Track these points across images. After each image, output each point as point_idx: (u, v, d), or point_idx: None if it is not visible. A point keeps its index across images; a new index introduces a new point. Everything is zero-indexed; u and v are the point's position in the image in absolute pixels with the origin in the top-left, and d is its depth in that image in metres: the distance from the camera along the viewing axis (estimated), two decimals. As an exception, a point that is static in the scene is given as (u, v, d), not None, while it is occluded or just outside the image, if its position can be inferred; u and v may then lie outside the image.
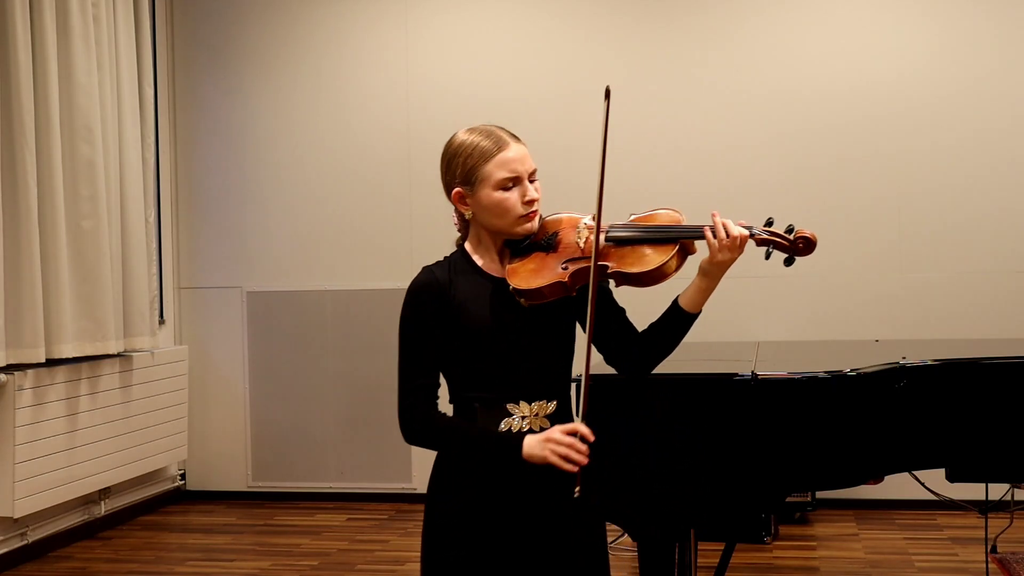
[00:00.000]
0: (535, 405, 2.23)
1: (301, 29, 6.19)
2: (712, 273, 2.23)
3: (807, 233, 2.25)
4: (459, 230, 2.34)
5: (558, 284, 2.18)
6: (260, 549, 5.24)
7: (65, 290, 5.12)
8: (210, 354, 6.27)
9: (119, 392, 5.53)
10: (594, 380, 2.85)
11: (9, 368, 4.90)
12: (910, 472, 3.22)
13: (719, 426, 2.92)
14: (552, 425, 2.23)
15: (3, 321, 4.83)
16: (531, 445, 2.14)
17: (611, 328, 2.32)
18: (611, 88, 2.26)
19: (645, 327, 2.33)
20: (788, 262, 2.30)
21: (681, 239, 2.22)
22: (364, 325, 6.10)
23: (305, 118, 6.19)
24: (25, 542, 5.06)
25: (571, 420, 2.30)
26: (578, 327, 2.32)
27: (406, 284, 2.30)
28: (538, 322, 2.22)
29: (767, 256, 2.30)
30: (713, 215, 2.24)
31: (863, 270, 5.63)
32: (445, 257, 2.32)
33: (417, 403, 2.19)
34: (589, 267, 2.17)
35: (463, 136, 2.27)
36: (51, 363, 5.09)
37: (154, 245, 5.91)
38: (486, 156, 2.21)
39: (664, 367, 2.47)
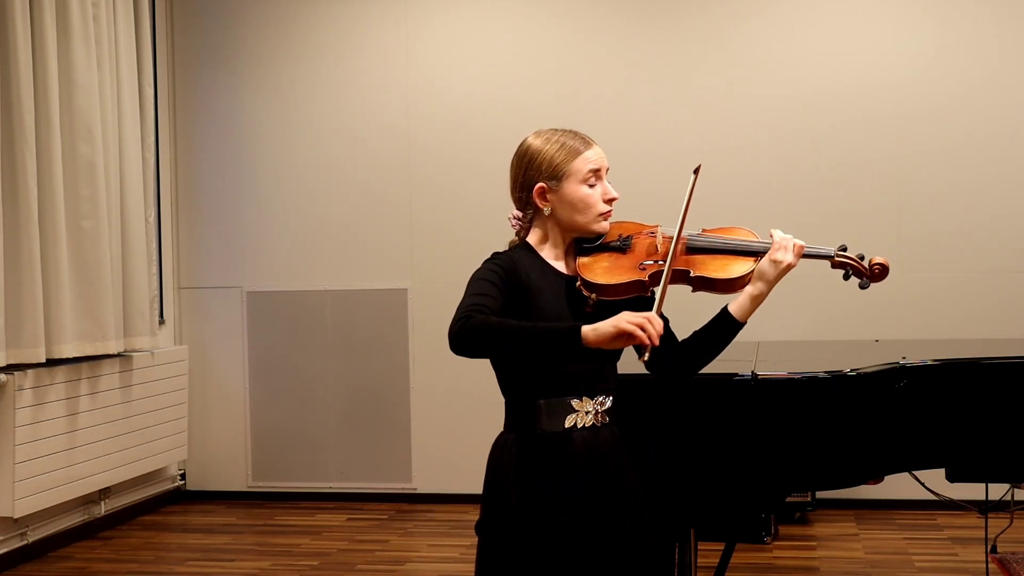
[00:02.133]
0: (596, 400, 2.31)
1: (301, 29, 6.18)
2: (768, 275, 2.30)
3: (883, 260, 2.41)
4: (518, 232, 2.39)
5: (637, 282, 2.26)
6: (260, 549, 5.24)
7: (65, 290, 5.12)
8: (210, 354, 6.27)
9: (119, 392, 5.53)
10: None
11: (9, 368, 4.90)
12: (910, 472, 3.22)
13: (719, 426, 2.92)
14: (610, 422, 2.33)
15: (3, 321, 4.83)
16: (600, 324, 2.05)
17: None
18: (701, 167, 2.38)
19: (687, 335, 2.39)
20: (863, 286, 2.42)
21: (760, 253, 2.33)
22: (364, 325, 6.10)
23: (305, 118, 6.19)
24: (25, 542, 5.06)
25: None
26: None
27: (406, 284, 2.32)
28: (600, 319, 2.18)
29: (845, 277, 2.42)
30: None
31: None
32: (509, 250, 2.36)
33: (476, 311, 2.13)
34: (671, 270, 2.23)
35: (543, 137, 2.35)
36: (51, 363, 5.09)
37: (154, 245, 5.91)
38: (575, 152, 2.30)
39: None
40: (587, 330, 2.05)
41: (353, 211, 6.13)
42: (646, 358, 2.08)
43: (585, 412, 2.29)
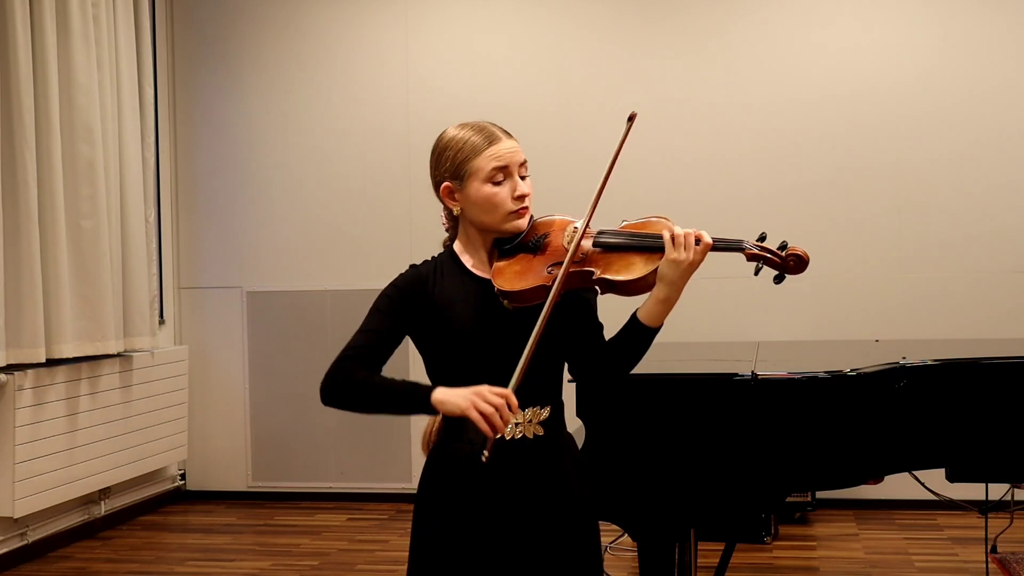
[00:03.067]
0: (528, 412, 2.18)
1: (301, 29, 6.18)
2: (669, 278, 2.09)
3: (799, 251, 2.14)
4: (447, 230, 2.30)
5: (541, 288, 2.10)
6: (260, 549, 5.24)
7: (65, 290, 5.12)
8: (210, 354, 6.27)
9: (119, 392, 5.53)
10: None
11: (9, 368, 4.90)
12: (910, 472, 3.22)
13: (719, 426, 2.92)
14: (546, 433, 2.20)
15: (3, 321, 4.83)
16: (452, 393, 2.04)
17: (584, 340, 2.24)
18: (636, 114, 2.24)
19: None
20: (778, 279, 2.18)
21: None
22: (364, 325, 6.08)
23: (305, 118, 6.19)
24: (25, 542, 5.06)
25: (565, 427, 2.27)
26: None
27: (406, 284, 2.27)
28: (526, 326, 2.09)
29: (756, 272, 2.18)
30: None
31: (863, 270, 5.63)
32: (433, 257, 2.28)
33: (352, 358, 2.17)
34: (575, 272, 2.10)
35: (453, 131, 2.24)
36: (51, 363, 5.09)
37: (154, 245, 5.91)
38: (477, 150, 2.17)
39: (664, 367, 2.46)
40: (438, 396, 2.05)
41: (353, 211, 6.13)
42: (484, 457, 1.98)
43: (514, 424, 2.16)
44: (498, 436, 2.01)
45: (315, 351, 6.12)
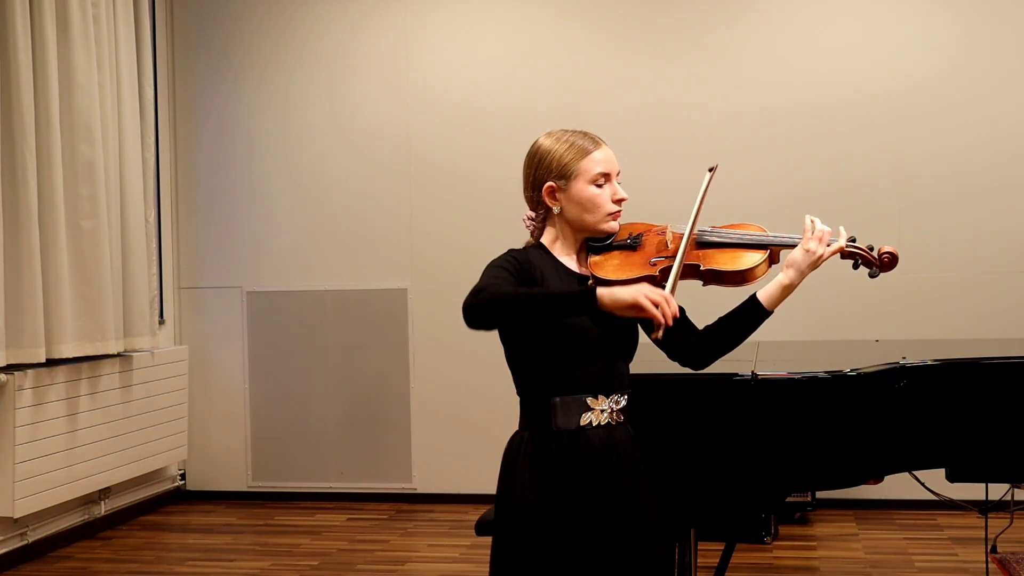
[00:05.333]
0: (611, 398, 2.32)
1: (301, 30, 6.18)
2: (799, 266, 2.33)
3: (892, 249, 2.44)
4: (532, 232, 2.42)
5: (648, 278, 2.26)
6: (260, 549, 5.24)
7: (65, 290, 5.12)
8: (210, 354, 6.27)
9: (119, 392, 5.53)
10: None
11: (9, 368, 4.90)
12: (910, 472, 3.22)
13: (719, 426, 2.92)
14: (625, 420, 2.34)
15: (3, 321, 4.83)
16: (618, 289, 2.12)
17: (683, 326, 2.38)
18: (718, 166, 2.45)
19: (711, 321, 2.41)
20: (873, 275, 2.45)
21: (772, 246, 2.37)
22: (364, 325, 6.10)
23: (305, 118, 6.19)
24: (25, 542, 5.06)
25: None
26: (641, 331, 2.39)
27: (406, 284, 2.33)
28: (612, 318, 2.22)
29: (855, 267, 2.45)
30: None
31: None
32: (522, 248, 2.39)
33: (492, 282, 2.19)
34: (681, 265, 2.25)
35: (552, 137, 2.38)
36: (51, 363, 5.09)
37: (154, 245, 5.91)
38: (584, 152, 2.33)
39: (664, 367, 2.47)
40: (603, 292, 2.10)
41: (353, 211, 6.13)
42: (658, 335, 2.13)
43: (600, 410, 2.30)
44: (667, 326, 2.12)
45: (315, 351, 6.12)
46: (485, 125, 5.94)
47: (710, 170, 2.41)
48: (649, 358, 2.65)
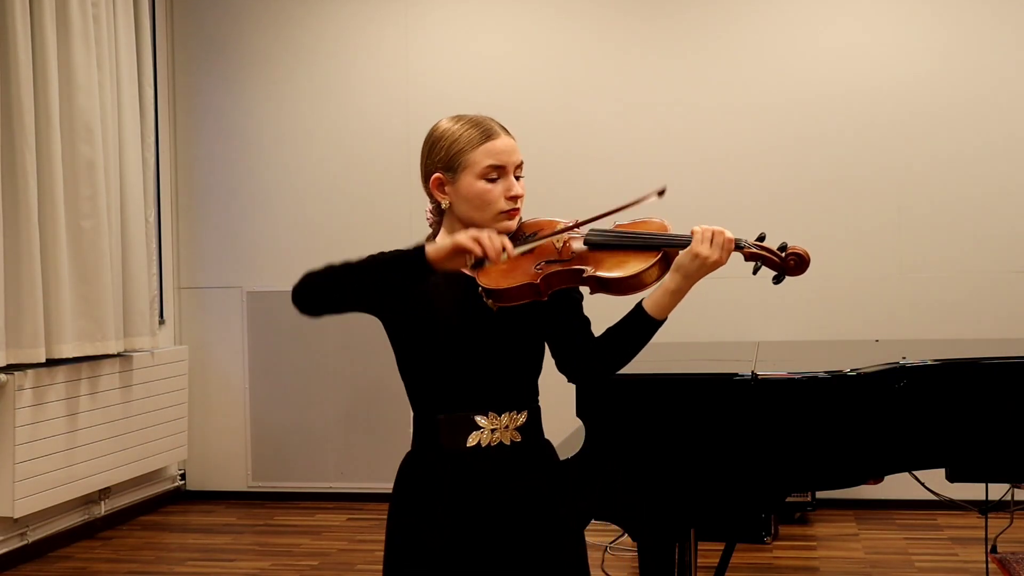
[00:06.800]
0: (505, 416, 2.11)
1: (301, 29, 6.18)
2: (687, 270, 2.02)
3: (799, 250, 2.09)
4: (431, 225, 2.23)
5: (528, 286, 2.03)
6: (260, 549, 5.24)
7: (65, 290, 5.12)
8: (210, 354, 6.27)
9: (119, 392, 5.52)
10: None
11: (9, 368, 4.90)
12: (910, 472, 3.22)
13: (719, 426, 2.92)
14: (523, 439, 2.13)
15: (3, 321, 4.82)
16: (440, 240, 1.98)
17: (571, 335, 2.14)
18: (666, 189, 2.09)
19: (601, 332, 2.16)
20: (777, 280, 2.12)
21: (664, 247, 2.08)
22: (364, 325, 6.06)
23: (305, 118, 6.19)
24: (25, 542, 5.06)
25: (542, 434, 2.20)
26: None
27: (406, 284, 2.21)
28: (508, 327, 2.07)
29: (755, 271, 2.12)
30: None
31: (863, 270, 5.63)
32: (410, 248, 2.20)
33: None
34: (564, 271, 2.04)
35: (448, 121, 2.17)
36: (51, 363, 5.09)
37: (154, 245, 5.91)
38: (473, 143, 2.10)
39: (664, 367, 2.46)
40: (430, 248, 1.97)
41: (353, 211, 6.13)
42: (476, 274, 1.96)
43: (491, 429, 2.09)
44: (489, 262, 1.94)
45: (315, 351, 6.12)
46: (485, 125, 5.93)
47: (659, 193, 2.08)
48: (649, 358, 2.64)
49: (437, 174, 2.14)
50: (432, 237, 2.21)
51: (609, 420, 2.93)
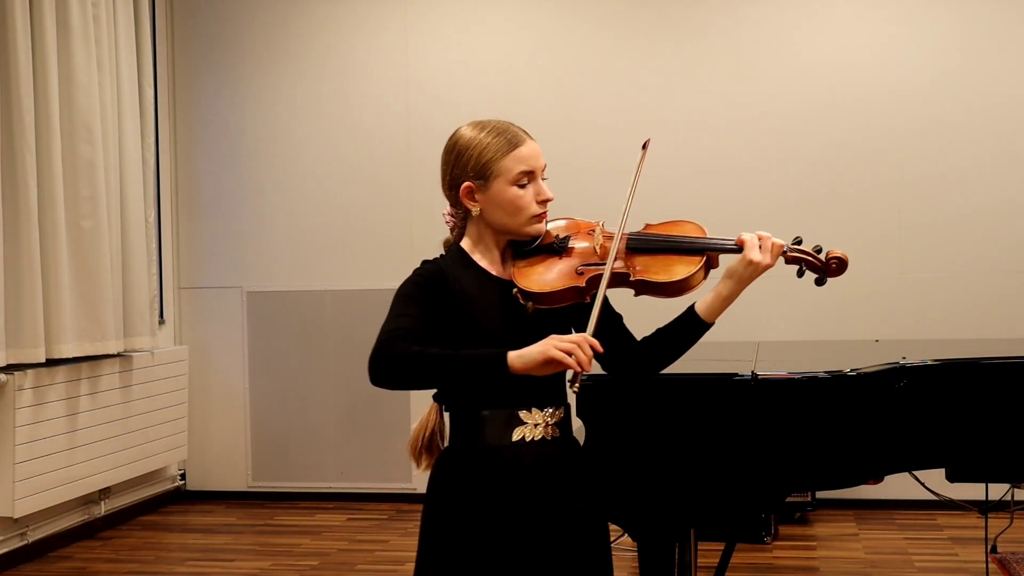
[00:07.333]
0: (546, 412, 2.17)
1: (301, 29, 6.18)
2: (740, 276, 2.14)
3: (839, 253, 2.18)
4: (452, 229, 2.26)
5: (573, 289, 2.09)
6: (260, 549, 5.24)
7: (65, 290, 5.12)
8: (210, 354, 6.27)
9: (119, 392, 5.52)
10: (594, 380, 2.86)
11: (9, 368, 4.90)
12: (910, 472, 3.22)
13: (719, 426, 2.92)
14: (561, 434, 2.19)
15: (3, 321, 4.82)
16: (526, 351, 1.93)
17: (610, 332, 2.21)
18: (650, 140, 2.24)
19: (650, 333, 2.25)
20: (820, 282, 2.22)
21: (708, 251, 2.15)
22: (364, 325, 6.09)
23: (305, 118, 6.18)
24: (25, 542, 5.06)
25: (572, 429, 2.26)
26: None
27: (406, 284, 2.24)
28: (541, 325, 2.10)
29: (799, 274, 2.23)
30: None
31: (863, 270, 5.63)
32: (439, 256, 2.24)
33: (400, 337, 2.01)
34: (613, 272, 2.08)
35: (472, 130, 2.19)
36: (51, 363, 5.09)
37: (154, 245, 5.91)
38: (504, 150, 2.14)
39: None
40: (513, 357, 1.93)
41: (353, 211, 6.13)
42: (575, 388, 1.95)
43: (533, 424, 2.14)
44: (583, 374, 1.93)
45: (315, 351, 6.12)
46: (485, 125, 5.93)
47: (643, 146, 2.19)
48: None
49: (467, 183, 2.16)
50: (456, 239, 2.24)
51: (609, 420, 2.93)
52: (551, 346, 1.91)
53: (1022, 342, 4.54)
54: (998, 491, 4.32)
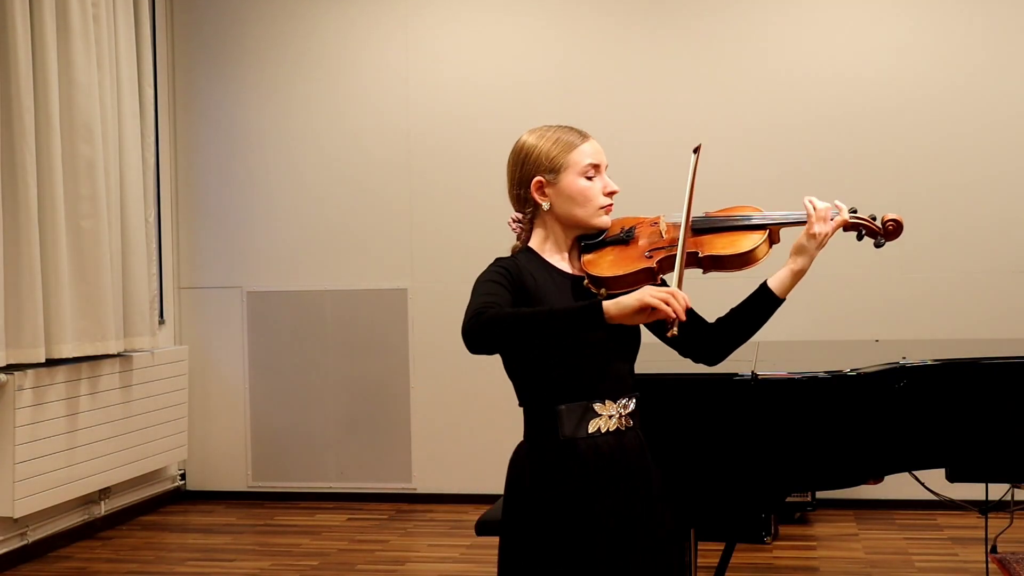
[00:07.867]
0: (619, 403, 2.24)
1: (301, 29, 6.18)
2: (808, 250, 2.29)
3: (894, 215, 2.39)
4: (519, 235, 2.32)
5: (645, 271, 2.18)
6: (260, 549, 5.24)
7: (65, 290, 5.12)
8: (210, 354, 6.27)
9: (119, 392, 5.52)
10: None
11: (9, 368, 4.90)
12: (910, 472, 3.22)
13: (719, 426, 2.92)
14: (634, 424, 2.27)
15: (3, 321, 4.83)
16: (623, 297, 1.98)
17: (696, 318, 2.31)
18: (702, 146, 2.37)
19: (723, 314, 2.34)
20: (878, 245, 2.40)
21: (769, 226, 2.29)
22: (364, 325, 6.10)
23: (305, 118, 6.19)
24: (25, 542, 5.06)
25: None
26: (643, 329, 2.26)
27: (406, 284, 2.28)
28: (615, 325, 2.09)
29: (859, 238, 2.42)
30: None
31: (863, 270, 5.63)
32: (510, 255, 2.29)
33: (487, 306, 2.04)
34: (675, 255, 2.14)
35: (536, 134, 2.29)
36: (51, 363, 5.09)
37: (154, 245, 5.91)
38: (572, 144, 2.26)
39: (665, 367, 2.46)
40: (609, 304, 1.97)
41: (353, 211, 6.14)
42: (674, 331, 1.99)
43: (608, 416, 2.21)
44: (682, 320, 1.99)
45: (315, 351, 6.12)
46: (486, 126, 5.94)
47: (695, 151, 2.32)
48: (649, 358, 2.64)
49: (538, 177, 2.25)
50: (523, 244, 2.30)
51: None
52: (648, 294, 1.97)
53: (1022, 342, 4.54)
54: (998, 491, 4.31)
